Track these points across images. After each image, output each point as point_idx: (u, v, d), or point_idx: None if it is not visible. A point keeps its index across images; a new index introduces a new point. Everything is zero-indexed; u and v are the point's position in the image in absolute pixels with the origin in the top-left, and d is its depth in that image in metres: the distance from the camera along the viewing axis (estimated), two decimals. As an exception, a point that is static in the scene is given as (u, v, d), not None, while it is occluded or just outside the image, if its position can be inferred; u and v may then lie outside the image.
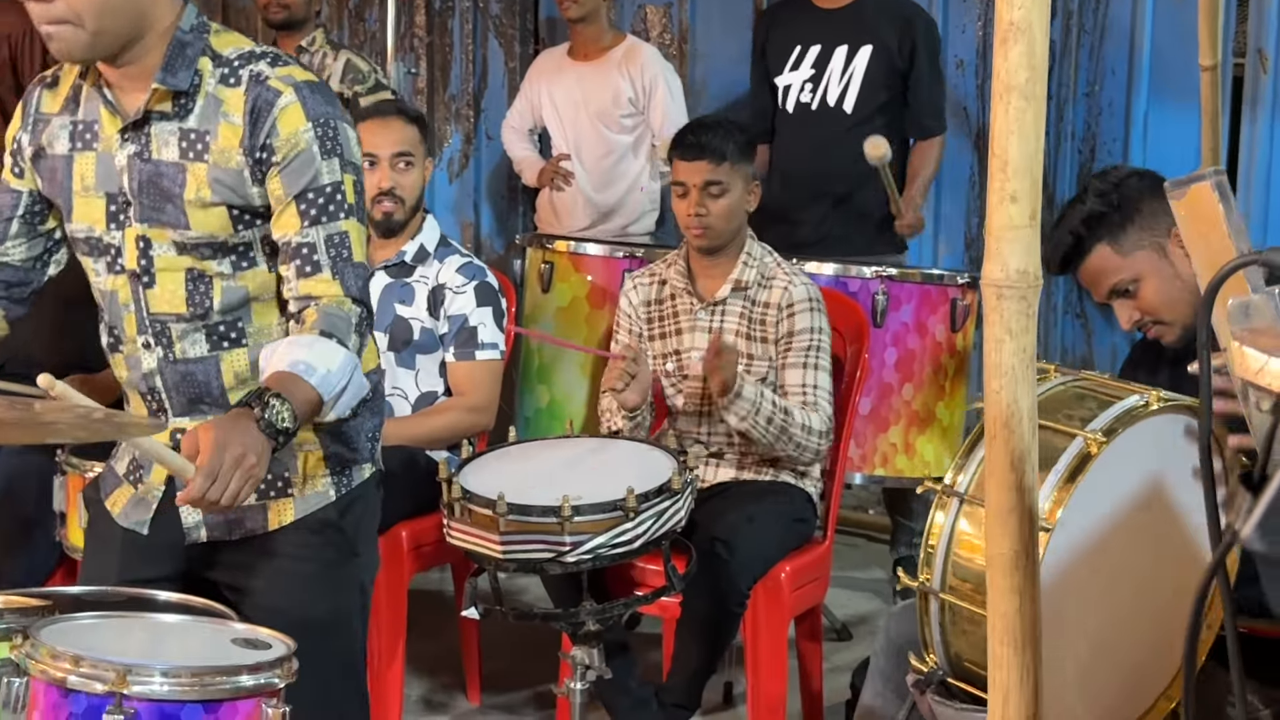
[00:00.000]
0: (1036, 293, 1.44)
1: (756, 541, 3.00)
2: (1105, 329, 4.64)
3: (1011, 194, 1.41)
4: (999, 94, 1.39)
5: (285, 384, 1.92)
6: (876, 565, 4.46)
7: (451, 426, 3.32)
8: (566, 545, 2.48)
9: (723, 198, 3.19)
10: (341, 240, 2.05)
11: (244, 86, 2.03)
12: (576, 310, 3.87)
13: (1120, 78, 4.54)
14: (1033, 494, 1.47)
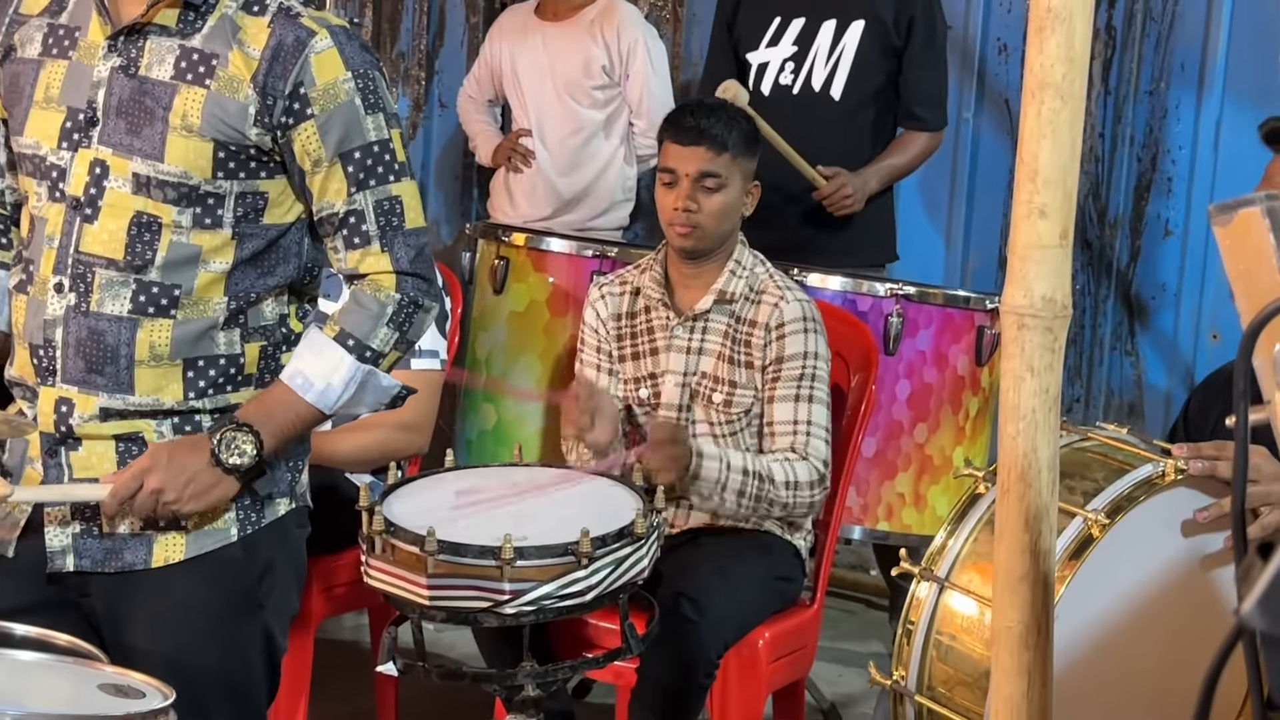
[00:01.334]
0: (1065, 324, 1.47)
1: (731, 601, 3.01)
2: (1160, 369, 4.68)
3: (1040, 208, 1.44)
4: (1031, 91, 1.43)
5: (269, 406, 2.06)
6: (875, 637, 4.48)
7: (378, 446, 3.33)
8: (506, 594, 2.49)
9: (718, 193, 3.20)
10: (393, 206, 2.14)
11: (269, 17, 2.09)
12: (534, 317, 3.89)
13: (1190, 75, 4.59)
14: (1049, 559, 1.50)
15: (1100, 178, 4.70)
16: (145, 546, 2.16)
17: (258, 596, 2.24)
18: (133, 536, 2.15)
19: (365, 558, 2.64)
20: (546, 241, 3.95)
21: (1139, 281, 4.71)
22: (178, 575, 2.17)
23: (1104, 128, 4.68)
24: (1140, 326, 4.72)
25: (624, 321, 3.32)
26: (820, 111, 4.19)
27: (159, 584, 2.17)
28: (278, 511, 2.25)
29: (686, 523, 3.24)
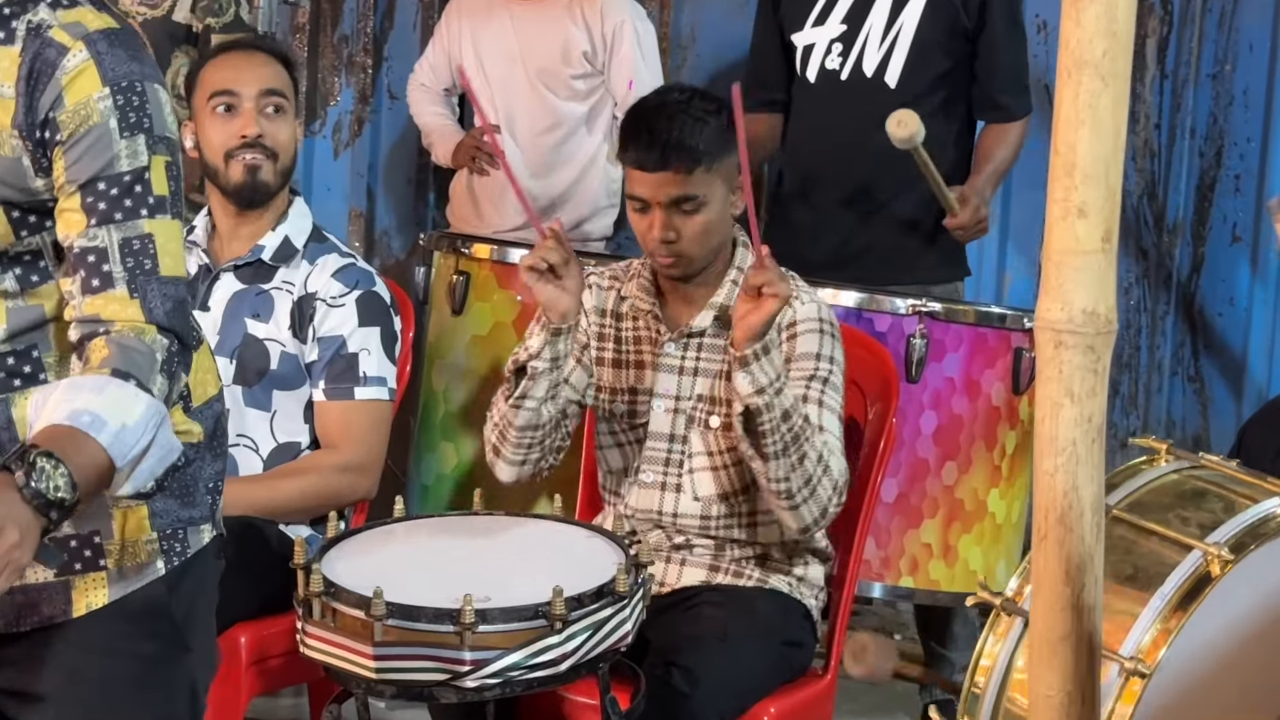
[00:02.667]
0: (1109, 342, 1.47)
1: (730, 670, 3.01)
2: (1227, 398, 4.70)
3: (1080, 206, 1.44)
4: (1067, 71, 1.43)
5: (62, 442, 1.90)
6: (902, 710, 4.49)
7: (316, 492, 3.34)
8: (466, 664, 2.50)
9: (698, 214, 3.15)
10: (144, 246, 2.06)
11: (19, 44, 2.04)
12: (498, 340, 3.90)
13: (1260, 56, 4.62)
14: (1093, 616, 1.50)
15: (1157, 175, 4.72)
16: (63, 594, 2.16)
17: (184, 638, 2.25)
18: (46, 585, 2.14)
19: (302, 624, 2.65)
20: (513, 254, 3.93)
21: (1203, 295, 4.73)
22: (99, 624, 2.18)
23: (1160, 117, 4.71)
24: (1205, 347, 4.74)
25: (608, 320, 3.32)
26: (873, 100, 4.15)
27: (80, 635, 2.17)
28: (201, 540, 2.26)
29: (678, 581, 3.23)
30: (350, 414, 3.37)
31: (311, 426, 3.40)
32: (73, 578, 2.17)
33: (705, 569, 3.23)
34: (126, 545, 2.18)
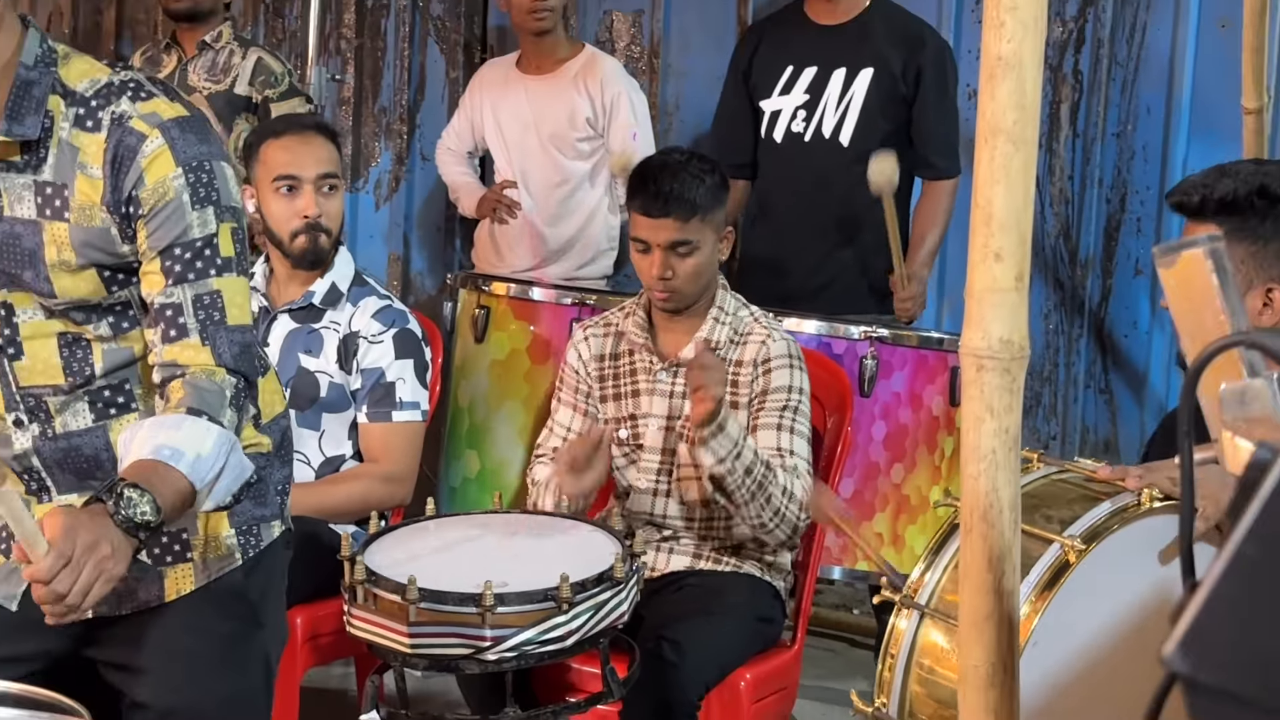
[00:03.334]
0: (1023, 365, 1.48)
1: (712, 643, 3.00)
2: (1132, 407, 4.69)
3: (996, 251, 1.45)
4: (984, 137, 1.44)
5: (147, 474, 1.91)
6: (860, 675, 4.46)
7: (361, 497, 3.33)
8: (487, 640, 2.49)
9: (691, 256, 3.17)
10: (213, 300, 2.05)
11: (104, 132, 2.02)
12: (514, 365, 3.89)
13: (1157, 117, 4.62)
14: (1013, 599, 1.50)
15: (1070, 219, 4.72)
16: (157, 583, 2.18)
17: (258, 616, 2.26)
18: (142, 576, 2.15)
19: (348, 607, 2.64)
20: (528, 290, 3.95)
21: (1111, 320, 4.73)
22: (188, 606, 2.19)
23: (1073, 170, 4.71)
24: (1113, 364, 4.74)
25: (606, 363, 3.33)
26: (830, 157, 4.21)
27: (171, 616, 2.18)
28: (273, 534, 2.27)
29: (666, 566, 3.23)
30: (389, 434, 3.38)
31: (354, 443, 3.40)
32: (165, 568, 2.18)
33: (689, 556, 3.23)
34: (210, 540, 2.19)
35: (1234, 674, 0.63)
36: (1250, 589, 0.64)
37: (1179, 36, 4.57)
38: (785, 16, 4.40)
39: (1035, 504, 1.99)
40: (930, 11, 4.59)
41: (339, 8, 5.43)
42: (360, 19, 5.46)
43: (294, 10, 5.53)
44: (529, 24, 4.51)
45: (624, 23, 5.20)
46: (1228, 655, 0.64)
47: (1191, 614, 0.64)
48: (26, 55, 2.01)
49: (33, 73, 2.01)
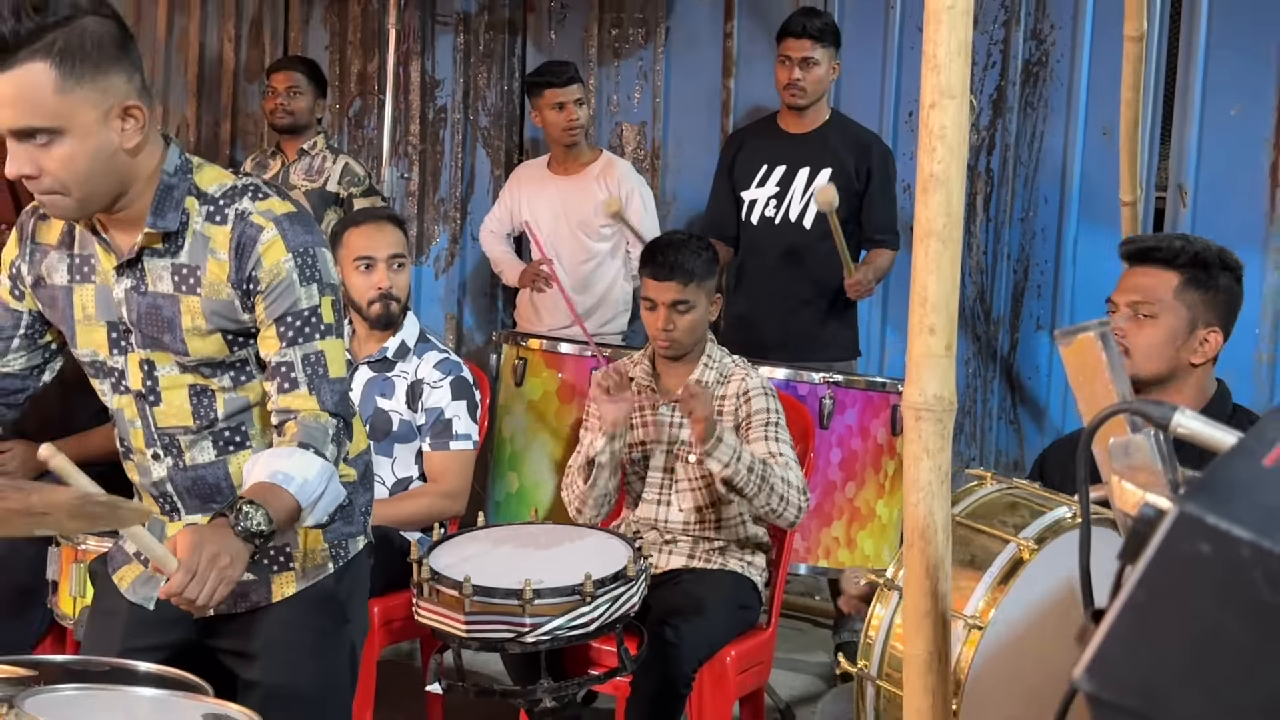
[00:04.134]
0: (951, 415, 1.47)
1: (704, 626, 3.00)
2: (1036, 434, 4.68)
3: (930, 326, 1.45)
4: (920, 238, 1.44)
5: (263, 493, 1.91)
6: (820, 649, 4.44)
7: (426, 510, 3.33)
8: (527, 626, 2.49)
9: (689, 314, 3.21)
10: (318, 359, 2.04)
11: (229, 224, 2.02)
12: (547, 404, 3.89)
13: (1053, 206, 4.62)
14: (946, 600, 1.50)
15: (985, 286, 4.72)
16: (265, 587, 2.16)
17: (346, 613, 2.24)
18: (254, 581, 2.14)
19: (415, 600, 2.64)
20: (556, 345, 3.95)
21: (1018, 365, 4.72)
22: (290, 606, 2.17)
23: (987, 247, 4.71)
24: (1020, 400, 4.73)
25: (633, 400, 3.33)
26: (796, 237, 4.23)
27: (276, 614, 2.17)
28: (358, 546, 2.25)
29: (667, 565, 3.22)
30: (447, 460, 3.37)
31: (420, 468, 3.40)
32: (271, 575, 2.17)
33: (685, 557, 3.23)
34: (308, 553, 2.18)
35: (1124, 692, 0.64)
36: (1140, 626, 0.65)
37: (1069, 142, 4.57)
38: (761, 127, 4.43)
39: (992, 511, 1.97)
40: (873, 122, 4.61)
41: (406, 120, 5.46)
42: (423, 129, 5.49)
43: (371, 123, 5.56)
44: (563, 138, 4.53)
45: (631, 132, 5.22)
46: (1122, 679, 0.64)
47: (1094, 646, 0.64)
48: (168, 165, 2.01)
49: (173, 179, 2.01)
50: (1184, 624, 0.64)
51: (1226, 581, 0.64)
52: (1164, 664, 0.63)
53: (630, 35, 5.19)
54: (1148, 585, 0.65)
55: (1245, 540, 0.64)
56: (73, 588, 2.84)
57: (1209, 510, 0.65)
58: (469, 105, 5.44)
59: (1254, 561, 0.63)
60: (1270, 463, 0.69)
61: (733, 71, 5.04)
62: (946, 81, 1.41)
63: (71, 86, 1.85)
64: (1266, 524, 0.64)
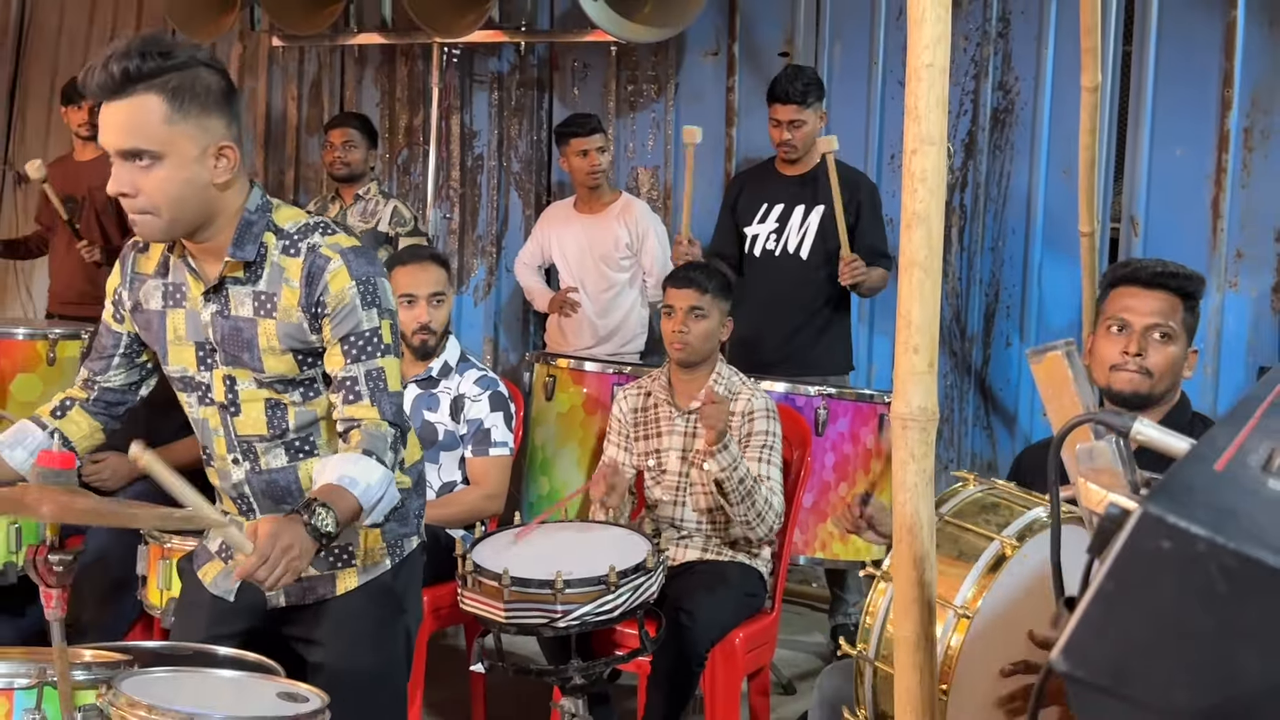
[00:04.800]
0: (934, 425, 1.47)
1: (715, 611, 2.99)
2: (1007, 439, 4.66)
3: (914, 346, 1.45)
4: (904, 268, 1.44)
5: (332, 495, 1.91)
6: (818, 630, 4.43)
7: (469, 510, 3.32)
8: (558, 613, 2.49)
9: (702, 321, 3.23)
10: (379, 374, 2.04)
11: (301, 256, 2.03)
12: (574, 416, 3.89)
13: (1019, 236, 4.62)
14: (931, 589, 1.49)
15: (960, 308, 4.71)
16: (330, 582, 2.16)
17: (402, 604, 2.23)
18: (321, 577, 2.15)
19: (460, 590, 2.64)
20: (582, 364, 3.95)
21: (990, 378, 4.71)
22: (353, 598, 2.17)
23: (961, 273, 4.70)
24: (992, 409, 4.71)
25: (639, 414, 3.34)
26: (792, 268, 4.20)
27: (340, 605, 2.17)
28: (412, 545, 2.24)
29: (682, 557, 3.22)
30: (487, 465, 3.37)
31: (463, 472, 3.39)
32: (336, 572, 2.17)
33: (699, 550, 3.22)
34: (368, 551, 2.17)
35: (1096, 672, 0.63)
36: (1109, 613, 0.65)
37: (1033, 180, 4.56)
38: (760, 170, 4.42)
39: (977, 510, 1.94)
40: (859, 162, 4.61)
41: (448, 168, 5.48)
42: (463, 175, 5.50)
43: (417, 170, 5.58)
44: (587, 181, 4.55)
45: (646, 175, 5.23)
46: (1094, 660, 0.64)
47: (1069, 631, 0.64)
48: (250, 204, 2.03)
49: (254, 216, 2.03)
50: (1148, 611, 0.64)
51: (1185, 574, 0.64)
52: (1131, 646, 0.63)
53: (644, 90, 5.21)
54: (1115, 577, 0.65)
55: (1201, 537, 0.64)
56: (160, 581, 2.85)
57: (1169, 510, 0.66)
58: (503, 153, 5.46)
59: (1209, 556, 0.63)
60: (1220, 467, 0.69)
61: (734, 121, 5.05)
62: (926, 130, 1.42)
63: (178, 120, 1.90)
64: (1219, 522, 0.64)
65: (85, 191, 4.81)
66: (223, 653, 2.03)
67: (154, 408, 2.35)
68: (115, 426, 2.23)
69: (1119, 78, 4.39)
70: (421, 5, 4.88)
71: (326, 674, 2.11)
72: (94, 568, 3.09)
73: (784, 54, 4.93)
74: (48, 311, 5.17)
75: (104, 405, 2.20)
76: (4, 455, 2.11)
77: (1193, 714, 0.61)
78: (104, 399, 2.19)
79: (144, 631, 3.17)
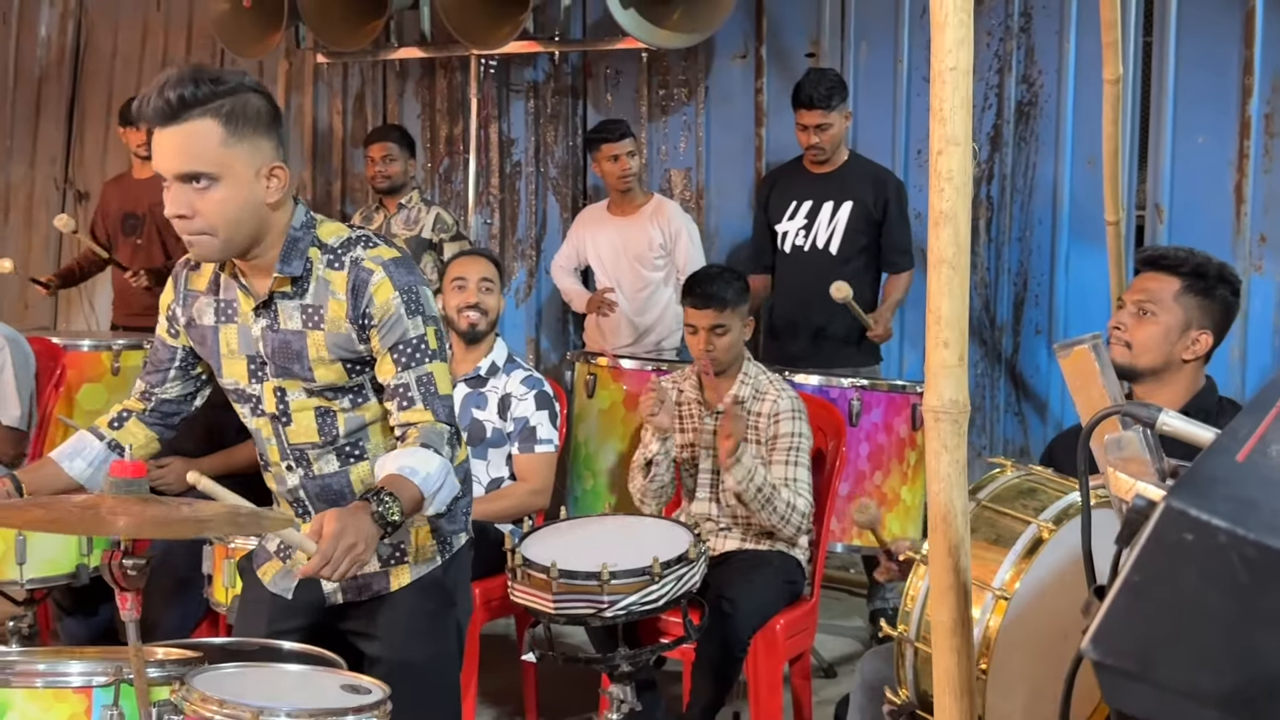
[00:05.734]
0: (966, 417, 1.47)
1: (756, 599, 3.00)
2: (1039, 424, 4.64)
3: (944, 340, 1.45)
4: (933, 265, 1.44)
5: (396, 484, 1.93)
6: (856, 615, 4.43)
7: (516, 505, 3.35)
8: (605, 603, 2.51)
9: (725, 335, 3.22)
10: (429, 379, 2.06)
11: (346, 270, 2.05)
12: (614, 412, 3.91)
13: (1046, 226, 4.59)
14: (966, 575, 1.49)
15: (990, 298, 4.69)
16: (384, 578, 2.18)
17: (453, 598, 2.25)
18: (375, 573, 2.17)
19: (510, 582, 2.66)
20: (621, 362, 3.97)
21: (1021, 365, 4.69)
22: (406, 594, 2.19)
23: (990, 264, 4.68)
24: (1023, 395, 4.69)
25: (676, 408, 3.34)
26: (822, 263, 4.20)
27: (394, 601, 2.19)
28: (461, 542, 2.26)
29: (723, 547, 3.22)
30: (534, 461, 3.39)
31: (510, 469, 3.41)
32: (390, 569, 2.19)
33: (738, 540, 3.22)
34: (419, 548, 2.19)
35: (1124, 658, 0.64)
36: (1135, 603, 0.65)
37: (1059, 171, 4.53)
38: (790, 168, 4.41)
39: (1014, 495, 1.92)
40: (886, 159, 4.60)
41: (488, 175, 5.51)
42: (502, 181, 5.54)
43: (458, 178, 5.62)
44: (619, 185, 4.56)
45: (679, 177, 5.24)
46: (1122, 647, 0.65)
47: (1098, 620, 0.65)
48: (295, 221, 2.05)
49: (298, 233, 2.05)
50: (1173, 600, 0.64)
51: (1207, 564, 0.65)
52: (1157, 634, 0.64)
53: (675, 94, 5.22)
54: (1141, 569, 0.66)
55: (1222, 529, 0.65)
56: (225, 579, 2.89)
57: (1191, 504, 0.66)
58: (540, 159, 5.48)
59: (1230, 546, 0.64)
60: (1242, 458, 0.70)
61: (764, 122, 5.04)
62: (951, 131, 1.42)
63: (234, 143, 1.93)
64: (1240, 514, 0.65)
65: (146, 208, 4.88)
66: (287, 647, 2.06)
67: (215, 408, 2.39)
68: (170, 436, 2.27)
69: (1140, 68, 4.35)
70: (459, 19, 4.91)
71: (383, 666, 2.13)
72: (161, 568, 3.12)
73: (810, 55, 4.92)
74: (111, 323, 5.25)
75: (160, 416, 2.23)
76: (65, 466, 2.14)
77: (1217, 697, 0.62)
78: (160, 410, 2.23)
79: (210, 628, 3.23)
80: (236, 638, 2.17)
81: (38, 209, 6.62)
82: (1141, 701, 0.65)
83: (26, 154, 6.62)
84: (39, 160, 5.52)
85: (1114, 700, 0.67)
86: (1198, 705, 0.62)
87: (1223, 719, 0.61)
